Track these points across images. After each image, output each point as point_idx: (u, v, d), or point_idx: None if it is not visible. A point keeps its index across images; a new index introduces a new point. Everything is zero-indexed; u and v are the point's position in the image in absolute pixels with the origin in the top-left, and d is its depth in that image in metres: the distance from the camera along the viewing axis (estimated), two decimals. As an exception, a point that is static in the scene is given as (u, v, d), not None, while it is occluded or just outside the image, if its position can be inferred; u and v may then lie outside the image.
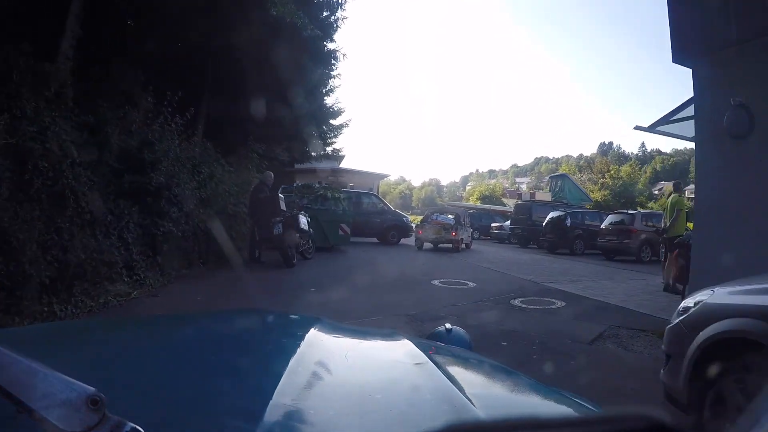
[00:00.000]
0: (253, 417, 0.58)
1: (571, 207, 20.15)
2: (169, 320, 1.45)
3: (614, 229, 13.66)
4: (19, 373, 0.41)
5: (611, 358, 4.04)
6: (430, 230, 13.71)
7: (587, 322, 5.11)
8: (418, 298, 6.11)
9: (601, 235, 13.96)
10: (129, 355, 0.85)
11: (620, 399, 2.98)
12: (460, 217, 14.56)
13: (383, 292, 6.22)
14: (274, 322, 1.40)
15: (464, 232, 14.62)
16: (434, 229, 13.60)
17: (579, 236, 15.20)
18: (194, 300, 5.48)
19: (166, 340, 0.93)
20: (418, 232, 14.10)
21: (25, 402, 0.40)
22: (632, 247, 12.98)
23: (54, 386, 0.41)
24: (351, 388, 0.77)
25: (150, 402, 0.63)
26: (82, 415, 0.40)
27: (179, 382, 0.72)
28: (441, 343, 1.26)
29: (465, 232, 14.93)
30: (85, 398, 0.40)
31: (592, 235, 14.63)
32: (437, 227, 13.61)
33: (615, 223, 13.93)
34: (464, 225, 14.86)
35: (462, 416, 0.63)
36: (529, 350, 4.07)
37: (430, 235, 13.57)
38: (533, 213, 18.40)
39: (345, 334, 1.25)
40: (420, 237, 13.89)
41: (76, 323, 1.10)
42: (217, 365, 0.82)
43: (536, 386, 0.93)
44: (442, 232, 13.42)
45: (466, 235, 14.96)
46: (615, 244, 13.40)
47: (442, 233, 13.42)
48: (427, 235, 13.71)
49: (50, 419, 0.39)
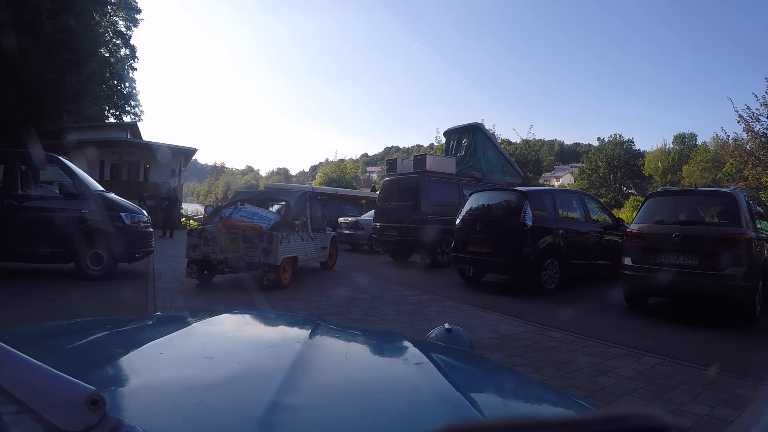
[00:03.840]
0: (254, 417, 0.58)
1: (488, 183, 11.82)
2: (169, 320, 1.45)
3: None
4: (19, 372, 0.41)
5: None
6: (214, 243, 6.58)
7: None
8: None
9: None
10: (129, 355, 0.85)
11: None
12: (293, 209, 7.34)
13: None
14: (274, 321, 1.39)
15: (301, 241, 7.30)
16: (226, 238, 6.57)
17: (556, 253, 7.17)
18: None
19: (165, 340, 0.93)
20: (194, 245, 6.65)
21: (25, 402, 0.40)
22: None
23: (54, 386, 0.41)
24: (351, 388, 0.77)
25: (149, 402, 0.63)
26: (82, 415, 0.40)
27: (179, 382, 0.72)
28: (441, 343, 1.26)
29: (316, 241, 7.98)
30: (85, 398, 0.40)
31: (587, 251, 7.65)
32: (232, 236, 6.56)
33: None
34: (305, 223, 7.71)
35: (462, 416, 0.63)
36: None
37: (222, 252, 6.54)
38: (424, 196, 9.99)
39: (345, 334, 1.25)
40: (192, 258, 6.68)
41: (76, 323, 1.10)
42: (216, 365, 0.82)
43: (536, 386, 0.93)
44: (240, 246, 6.48)
45: (318, 243, 8.09)
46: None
47: (241, 248, 6.47)
48: (210, 251, 6.57)
49: (50, 419, 0.39)
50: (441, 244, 9.64)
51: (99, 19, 18.60)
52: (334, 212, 15.19)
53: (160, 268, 8.11)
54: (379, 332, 1.55)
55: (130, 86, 29.23)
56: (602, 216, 8.56)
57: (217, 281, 7.00)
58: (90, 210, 6.88)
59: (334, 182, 32.25)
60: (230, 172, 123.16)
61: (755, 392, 3.22)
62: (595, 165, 43.41)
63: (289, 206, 7.42)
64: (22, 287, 6.16)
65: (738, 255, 5.18)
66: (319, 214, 8.69)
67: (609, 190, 40.97)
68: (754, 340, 4.94)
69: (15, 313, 4.44)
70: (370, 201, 20.47)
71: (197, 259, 6.69)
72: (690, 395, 3.19)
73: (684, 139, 49.12)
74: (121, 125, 24.48)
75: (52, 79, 10.54)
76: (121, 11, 25.96)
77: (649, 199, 6.68)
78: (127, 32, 27.24)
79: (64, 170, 7.10)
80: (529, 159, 26.80)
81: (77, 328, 1.07)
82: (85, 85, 12.90)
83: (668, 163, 42.29)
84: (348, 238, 13.46)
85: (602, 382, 3.42)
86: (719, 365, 3.70)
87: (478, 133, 13.68)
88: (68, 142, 14.88)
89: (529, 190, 7.94)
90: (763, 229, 5.84)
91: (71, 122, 16.29)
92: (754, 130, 13.99)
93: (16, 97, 10.07)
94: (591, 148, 55.11)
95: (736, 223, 5.37)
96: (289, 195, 8.07)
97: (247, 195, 8.74)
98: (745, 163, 14.21)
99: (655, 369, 3.78)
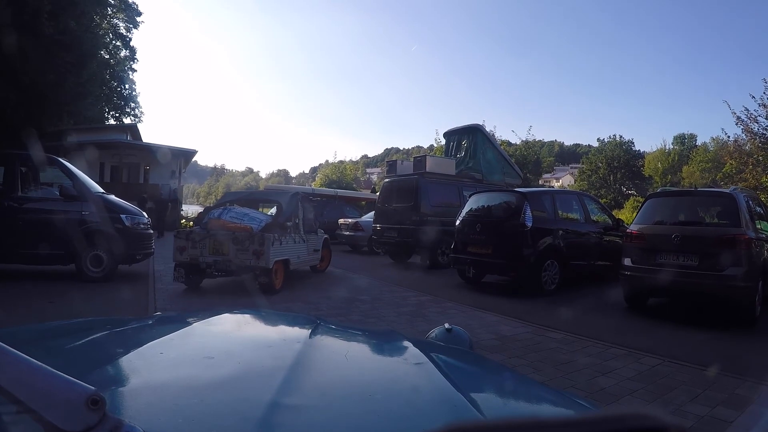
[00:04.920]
0: (254, 417, 0.58)
1: (488, 185, 11.64)
2: (169, 320, 1.45)
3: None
4: (20, 372, 0.41)
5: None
6: (203, 245, 6.31)
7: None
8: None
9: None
10: (129, 355, 0.85)
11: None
12: (284, 210, 7.08)
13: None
14: (274, 321, 1.39)
15: (293, 243, 7.07)
16: (215, 240, 6.31)
17: (556, 254, 7.18)
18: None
19: (165, 340, 0.92)
20: (182, 248, 6.38)
21: (25, 402, 0.40)
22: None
23: (54, 386, 0.41)
24: (351, 388, 0.77)
25: (149, 402, 0.63)
26: (82, 415, 0.40)
27: (179, 382, 0.72)
28: (441, 343, 1.26)
29: (309, 243, 7.74)
30: (85, 398, 0.40)
31: (587, 252, 7.65)
32: (221, 238, 6.31)
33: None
34: (296, 225, 7.41)
35: (462, 416, 0.63)
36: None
37: (211, 254, 6.29)
38: (424, 197, 10.02)
39: (345, 334, 1.25)
40: (180, 261, 6.43)
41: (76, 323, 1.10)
42: (216, 365, 0.82)
43: (536, 386, 0.93)
44: (230, 249, 6.24)
45: (310, 246, 7.85)
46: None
47: (231, 250, 6.24)
48: (198, 253, 6.31)
49: (50, 419, 0.39)
50: (441, 246, 9.62)
51: (99, 21, 18.65)
52: (334, 213, 15.16)
53: (160, 270, 8.09)
54: (379, 332, 1.55)
55: (130, 88, 29.27)
56: (602, 217, 8.55)
57: (218, 282, 6.99)
58: (90, 212, 6.87)
59: (334, 184, 32.17)
60: (230, 174, 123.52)
61: (755, 392, 3.22)
62: (594, 166, 43.45)
63: (281, 207, 7.15)
64: (23, 289, 6.16)
65: (738, 255, 5.18)
66: (312, 215, 8.44)
67: (609, 191, 40.99)
68: (754, 340, 4.94)
69: (15, 314, 4.44)
70: (370, 202, 20.41)
71: (185, 263, 6.42)
72: (690, 396, 3.18)
73: (684, 139, 49.14)
74: (121, 127, 24.50)
75: (53, 81, 10.56)
76: (121, 13, 25.97)
77: (649, 199, 6.68)
78: (127, 34, 27.26)
79: (64, 172, 7.11)
80: (528, 160, 26.81)
81: (77, 329, 1.07)
82: (85, 86, 12.92)
83: (668, 164, 42.31)
84: (348, 240, 13.35)
85: (602, 383, 3.41)
86: (719, 366, 3.70)
87: (478, 135, 13.69)
88: (68, 144, 14.96)
89: (528, 191, 7.93)
90: (763, 230, 5.84)
91: (71, 124, 16.31)
92: (752, 131, 14.01)
93: (17, 99, 10.09)
94: (591, 149, 55.21)
95: (736, 224, 5.37)
96: (281, 195, 7.82)
97: (236, 196, 8.53)
98: (745, 164, 14.22)
99: (655, 369, 3.77)
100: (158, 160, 20.00)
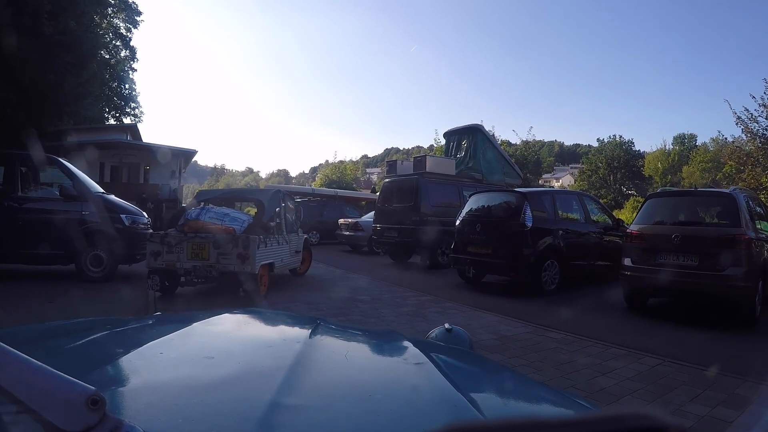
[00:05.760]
0: (254, 417, 0.58)
1: (488, 185, 11.57)
2: (169, 320, 1.45)
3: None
4: (20, 372, 0.41)
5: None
6: (180, 249, 5.78)
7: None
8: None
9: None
10: (129, 355, 0.85)
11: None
12: (267, 209, 6.56)
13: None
14: (274, 321, 1.39)
15: (278, 245, 6.71)
16: (193, 244, 5.77)
17: (556, 254, 7.15)
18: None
19: (165, 340, 0.92)
20: (156, 253, 5.81)
21: (25, 402, 0.40)
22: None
23: (54, 386, 0.41)
24: (351, 388, 0.77)
25: (149, 402, 0.63)
26: (82, 415, 0.40)
27: (179, 382, 0.72)
28: (441, 342, 1.26)
29: (290, 244, 7.29)
30: (85, 398, 0.40)
31: (587, 252, 7.63)
32: (200, 241, 5.76)
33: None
34: (279, 225, 6.95)
35: (462, 416, 0.63)
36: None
37: (189, 260, 5.76)
38: (424, 197, 9.93)
39: (345, 334, 1.25)
40: (154, 267, 5.82)
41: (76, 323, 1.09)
42: (216, 365, 0.82)
43: (536, 386, 0.93)
44: (210, 253, 5.74)
45: (292, 247, 7.39)
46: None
47: (212, 254, 5.73)
48: (175, 259, 5.77)
49: (50, 419, 0.39)
50: (441, 246, 9.59)
51: (99, 20, 18.65)
52: (334, 213, 15.25)
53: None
54: (379, 332, 1.55)
55: (130, 88, 29.27)
56: (602, 217, 8.54)
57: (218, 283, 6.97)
58: (90, 212, 6.87)
59: (334, 184, 32.04)
60: (230, 174, 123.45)
61: (755, 392, 3.22)
62: (595, 166, 43.44)
63: (263, 206, 6.54)
64: (23, 289, 6.16)
65: (738, 255, 5.18)
66: (292, 215, 7.87)
67: (609, 191, 40.98)
68: (754, 340, 4.93)
69: (15, 314, 4.44)
70: (370, 202, 20.40)
71: (160, 269, 5.77)
72: (690, 396, 3.18)
73: (684, 139, 49.15)
74: (121, 127, 24.50)
75: (52, 81, 10.58)
76: (121, 13, 25.97)
77: (649, 199, 6.68)
78: (127, 34, 27.26)
79: (64, 172, 7.11)
80: (528, 160, 26.81)
81: (77, 328, 1.07)
82: (85, 86, 12.93)
83: (668, 164, 42.32)
84: (348, 240, 13.34)
85: (602, 383, 3.41)
86: (719, 365, 3.70)
87: (478, 135, 13.70)
88: (68, 144, 14.96)
89: (528, 191, 7.92)
90: (763, 230, 5.84)
91: (71, 124, 16.31)
92: (752, 131, 14.01)
93: (17, 99, 10.10)
94: (591, 149, 55.13)
95: (736, 224, 5.37)
96: (262, 193, 7.40)
97: (212, 194, 7.98)
98: (745, 164, 14.22)
99: (655, 369, 3.77)
100: (158, 160, 20.02)
